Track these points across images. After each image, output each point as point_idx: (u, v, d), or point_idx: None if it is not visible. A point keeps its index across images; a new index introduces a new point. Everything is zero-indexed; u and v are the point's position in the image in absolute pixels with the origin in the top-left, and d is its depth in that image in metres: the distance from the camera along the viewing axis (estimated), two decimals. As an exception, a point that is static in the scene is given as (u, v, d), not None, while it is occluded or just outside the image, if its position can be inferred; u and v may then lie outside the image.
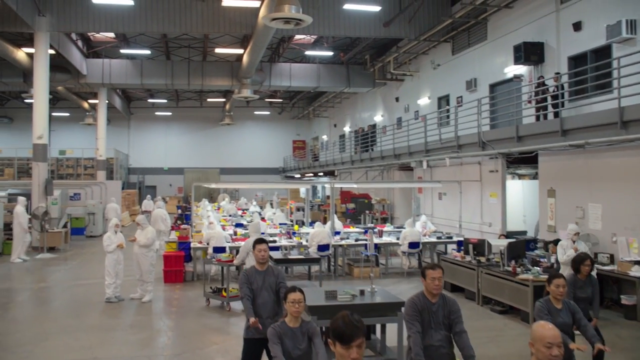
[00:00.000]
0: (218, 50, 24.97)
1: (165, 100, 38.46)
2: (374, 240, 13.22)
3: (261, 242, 5.79)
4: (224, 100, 36.83)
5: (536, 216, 13.88)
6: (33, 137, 18.16)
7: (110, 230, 10.78)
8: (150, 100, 38.22)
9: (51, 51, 18.81)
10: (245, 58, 21.56)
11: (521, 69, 14.65)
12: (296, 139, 42.17)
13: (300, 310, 4.48)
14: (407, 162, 18.95)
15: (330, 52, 24.86)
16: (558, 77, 12.39)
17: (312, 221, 17.48)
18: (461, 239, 12.99)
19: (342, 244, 13.79)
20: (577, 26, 12.60)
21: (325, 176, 32.23)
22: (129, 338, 8.45)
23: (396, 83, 23.90)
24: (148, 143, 40.26)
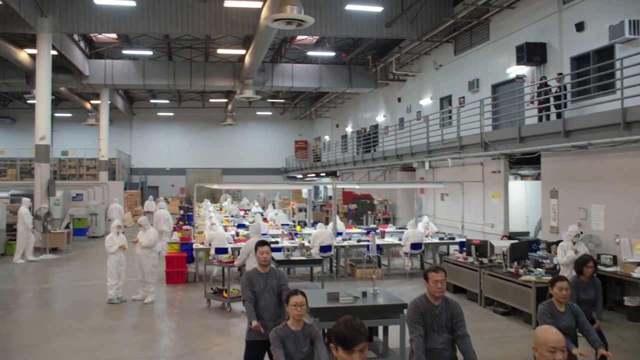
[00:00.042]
0: (220, 50, 24.98)
1: (167, 100, 38.52)
2: (376, 241, 13.21)
3: (263, 245, 5.77)
4: (226, 100, 36.83)
5: (539, 217, 13.85)
6: (35, 138, 18.20)
7: (112, 231, 10.80)
8: (152, 100, 38.27)
9: (53, 52, 18.84)
10: (247, 59, 21.55)
11: (523, 70, 14.62)
12: (298, 140, 42.18)
13: (302, 313, 4.47)
14: (409, 163, 18.93)
15: (332, 53, 24.85)
16: (561, 78, 12.38)
17: (314, 222, 17.48)
18: (463, 240, 12.97)
19: (344, 245, 13.76)
20: (580, 26, 12.57)
21: (327, 177, 32.21)
22: (131, 339, 8.45)
23: (398, 83, 23.87)
24: (150, 143, 40.33)
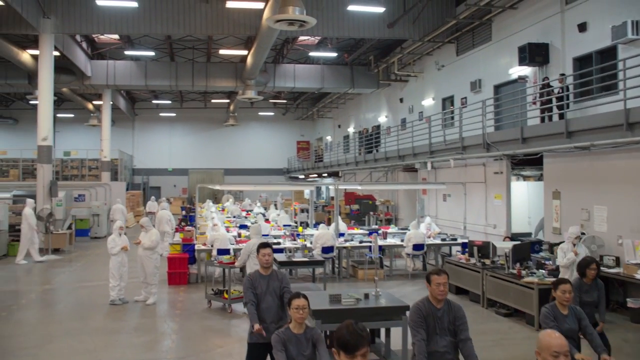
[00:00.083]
0: (222, 51, 24.99)
1: (169, 101, 38.55)
2: (378, 242, 13.20)
3: (265, 247, 5.75)
4: (228, 101, 36.85)
5: (541, 217, 13.82)
6: (38, 139, 18.22)
7: (114, 232, 10.82)
8: (154, 101, 38.31)
9: (56, 53, 18.86)
10: (249, 59, 21.55)
11: (526, 70, 14.59)
12: (300, 140, 42.19)
13: (304, 316, 4.46)
14: (412, 164, 18.91)
15: (334, 53, 24.83)
16: (563, 79, 12.35)
17: (317, 222, 17.47)
18: (466, 241, 12.96)
19: (346, 246, 13.75)
20: (582, 27, 12.54)
21: (329, 177, 32.20)
22: (133, 341, 8.45)
23: (400, 84, 23.85)
24: (152, 144, 40.37)
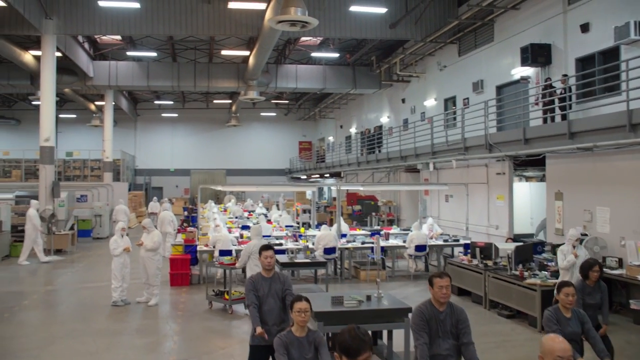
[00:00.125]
0: (224, 52, 25.01)
1: (171, 101, 38.58)
2: (380, 243, 13.19)
3: (267, 249, 5.72)
4: (230, 101, 36.87)
5: (543, 218, 13.80)
6: (40, 140, 18.24)
7: (116, 233, 10.82)
8: (156, 101, 38.35)
9: (58, 54, 18.88)
10: (251, 60, 21.55)
11: (528, 71, 14.57)
12: (302, 140, 42.19)
13: (306, 319, 4.45)
14: (414, 164, 18.90)
15: (336, 54, 24.82)
16: (565, 79, 12.32)
17: (319, 223, 17.45)
18: (468, 242, 12.93)
19: (349, 247, 13.74)
20: (585, 27, 12.52)
21: (331, 177, 32.18)
22: (135, 342, 8.45)
23: (402, 84, 23.84)
24: (154, 144, 40.41)
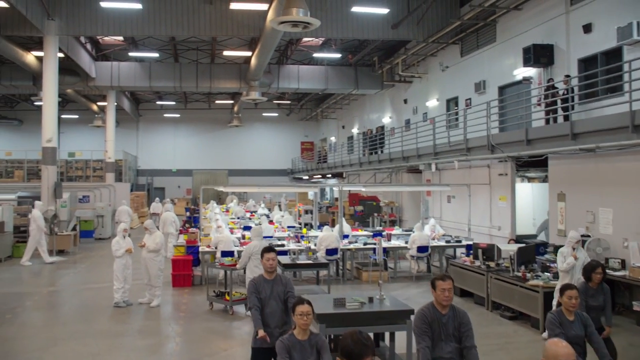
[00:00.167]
0: (226, 52, 25.02)
1: (173, 102, 38.61)
2: (383, 244, 13.17)
3: (269, 251, 5.72)
4: (232, 102, 36.88)
5: (545, 218, 13.76)
6: (42, 140, 18.26)
7: (118, 234, 10.81)
8: (158, 102, 38.36)
9: (60, 54, 18.92)
10: (253, 60, 21.55)
11: (530, 71, 14.53)
12: (304, 141, 42.19)
13: (308, 322, 4.44)
14: (416, 165, 18.87)
15: (338, 54, 24.83)
16: (568, 80, 12.29)
17: (321, 224, 17.44)
18: (470, 243, 12.92)
19: (351, 248, 13.72)
20: (587, 28, 12.49)
21: (333, 178, 32.17)
22: (137, 344, 8.44)
23: (404, 85, 23.81)
24: (156, 145, 40.46)
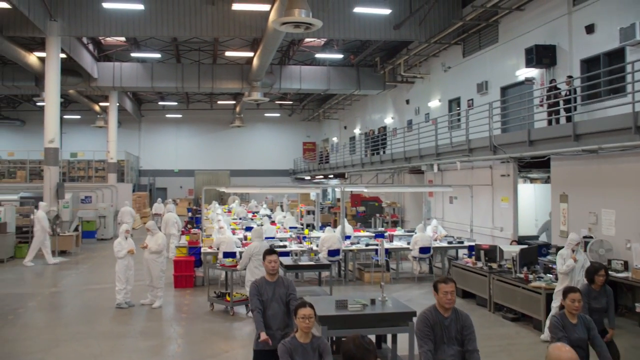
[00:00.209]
0: (228, 53, 25.03)
1: (175, 102, 38.62)
2: (385, 245, 13.16)
3: (271, 253, 5.71)
4: (234, 102, 36.88)
5: (547, 219, 13.74)
6: (45, 141, 18.29)
7: (120, 235, 10.82)
8: (160, 102, 38.37)
9: (62, 55, 18.93)
10: (255, 61, 21.56)
11: (533, 72, 14.50)
12: (306, 141, 42.17)
13: (310, 325, 4.43)
14: (418, 166, 18.84)
15: (340, 55, 24.80)
16: (570, 81, 12.26)
17: (323, 224, 17.42)
18: (472, 244, 12.90)
19: (353, 249, 13.72)
20: (590, 29, 12.45)
21: (335, 178, 32.14)
22: (139, 345, 8.44)
23: (406, 85, 23.79)
24: (159, 145, 40.48)
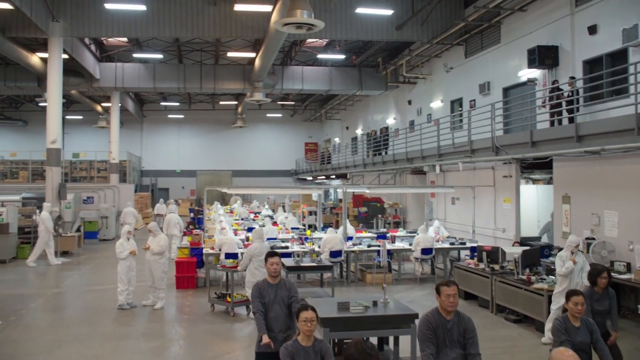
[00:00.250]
0: (230, 53, 25.02)
1: (177, 103, 38.64)
2: (387, 246, 13.15)
3: (273, 255, 5.72)
4: (236, 102, 36.87)
5: (549, 220, 13.71)
6: (47, 142, 18.31)
7: (122, 236, 10.83)
8: (162, 103, 38.41)
9: (65, 56, 18.96)
10: (257, 61, 21.56)
11: (535, 73, 14.47)
12: (308, 142, 42.16)
13: (312, 329, 4.42)
14: (420, 166, 18.81)
15: (342, 55, 24.79)
16: (573, 82, 12.24)
17: (325, 225, 17.41)
18: (474, 245, 12.88)
19: (355, 250, 13.71)
20: (593, 29, 12.43)
21: (337, 179, 32.13)
22: (141, 347, 8.44)
23: (409, 86, 23.77)
24: (161, 145, 40.50)
